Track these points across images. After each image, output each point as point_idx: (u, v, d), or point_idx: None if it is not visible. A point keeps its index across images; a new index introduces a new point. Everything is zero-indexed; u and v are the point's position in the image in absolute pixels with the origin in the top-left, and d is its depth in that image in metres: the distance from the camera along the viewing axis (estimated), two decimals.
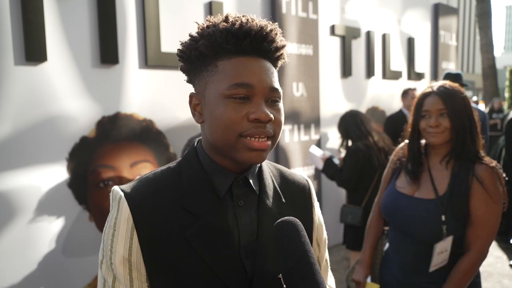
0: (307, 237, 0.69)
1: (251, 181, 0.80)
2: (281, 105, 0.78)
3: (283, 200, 0.84)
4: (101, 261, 0.76)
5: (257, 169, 0.83)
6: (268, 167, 0.88)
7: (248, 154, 0.73)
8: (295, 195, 0.88)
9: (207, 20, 0.79)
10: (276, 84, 0.76)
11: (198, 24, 0.80)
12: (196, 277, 0.74)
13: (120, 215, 0.75)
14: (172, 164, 0.83)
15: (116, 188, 0.78)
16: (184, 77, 0.85)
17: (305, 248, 0.67)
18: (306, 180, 0.94)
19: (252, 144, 0.72)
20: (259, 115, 0.71)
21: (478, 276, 1.61)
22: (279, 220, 0.70)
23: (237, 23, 0.75)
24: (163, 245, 0.74)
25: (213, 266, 0.74)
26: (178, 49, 0.80)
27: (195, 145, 0.83)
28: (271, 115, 0.73)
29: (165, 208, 0.76)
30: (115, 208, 0.76)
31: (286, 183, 0.89)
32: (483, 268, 3.89)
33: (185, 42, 0.80)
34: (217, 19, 0.78)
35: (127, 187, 0.79)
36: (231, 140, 0.73)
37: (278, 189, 0.85)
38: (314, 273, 0.66)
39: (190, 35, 0.79)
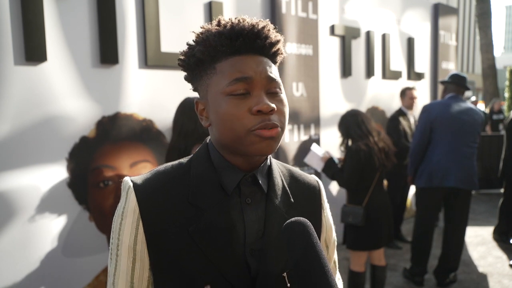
0: (316, 235, 0.70)
1: (259, 179, 0.80)
2: (283, 95, 0.78)
3: (292, 200, 0.85)
4: (110, 248, 0.79)
5: (267, 167, 0.83)
6: (278, 166, 0.89)
7: (259, 145, 0.73)
8: (304, 196, 0.89)
9: (201, 27, 0.81)
10: (274, 75, 0.77)
11: (195, 33, 0.81)
12: (198, 271, 0.75)
13: (128, 205, 0.77)
14: (183, 159, 0.85)
15: (126, 178, 0.81)
16: (183, 77, 0.86)
17: (312, 240, 0.68)
18: (317, 181, 0.94)
19: (262, 133, 0.72)
20: (261, 107, 0.72)
21: None
22: (288, 221, 0.70)
23: (229, 24, 0.77)
24: (167, 237, 0.75)
25: (215, 261, 0.74)
26: (179, 59, 0.82)
27: (207, 142, 0.85)
28: (273, 105, 0.73)
29: (172, 202, 0.77)
30: (124, 198, 0.78)
31: (296, 183, 0.89)
32: (483, 268, 3.89)
33: (183, 51, 0.81)
34: (211, 24, 0.80)
35: (137, 178, 0.80)
36: (241, 136, 0.73)
37: (287, 188, 0.86)
38: (322, 264, 0.66)
39: (187, 44, 0.81)
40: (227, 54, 0.75)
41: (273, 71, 0.78)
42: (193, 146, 2.19)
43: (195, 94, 2.89)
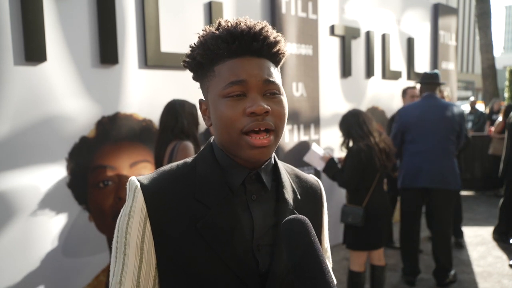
0: (314, 233, 0.71)
1: (263, 177, 0.82)
2: (282, 97, 0.79)
3: (299, 197, 0.87)
4: (115, 247, 0.79)
5: (271, 166, 0.85)
6: (283, 165, 0.91)
7: (250, 151, 0.75)
8: (308, 195, 0.91)
9: (203, 29, 0.82)
10: (272, 77, 0.78)
11: (199, 34, 0.83)
12: (205, 267, 0.76)
13: (135, 204, 0.78)
14: (189, 159, 0.87)
15: (133, 178, 0.81)
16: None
17: (311, 238, 0.69)
18: (317, 181, 0.96)
19: (252, 142, 0.74)
20: (254, 109, 0.73)
21: None
22: (286, 218, 0.72)
23: (226, 28, 0.78)
24: (174, 234, 0.77)
25: (222, 256, 0.76)
26: (183, 60, 0.84)
27: (211, 141, 0.87)
28: (267, 107, 0.75)
29: (178, 199, 0.79)
30: (131, 197, 0.79)
31: (300, 182, 0.91)
32: (482, 268, 3.89)
33: (187, 53, 0.83)
34: (212, 27, 0.82)
35: (143, 178, 0.82)
36: (234, 138, 0.76)
37: (293, 186, 0.88)
38: (320, 261, 0.67)
39: (190, 46, 0.83)
40: (224, 57, 0.77)
41: (272, 73, 0.78)
42: (170, 141, 2.38)
43: (194, 94, 2.89)
